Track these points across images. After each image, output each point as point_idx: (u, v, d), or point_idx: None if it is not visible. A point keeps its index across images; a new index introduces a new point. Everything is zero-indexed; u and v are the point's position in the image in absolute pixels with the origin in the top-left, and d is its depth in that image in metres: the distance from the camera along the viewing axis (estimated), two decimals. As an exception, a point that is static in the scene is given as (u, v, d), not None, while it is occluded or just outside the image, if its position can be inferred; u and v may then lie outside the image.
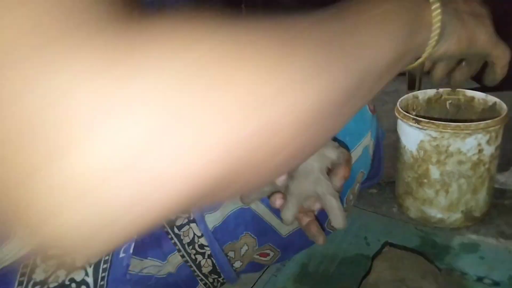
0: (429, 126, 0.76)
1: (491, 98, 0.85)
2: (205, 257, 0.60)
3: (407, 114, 0.80)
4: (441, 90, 0.91)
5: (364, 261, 0.74)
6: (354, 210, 0.88)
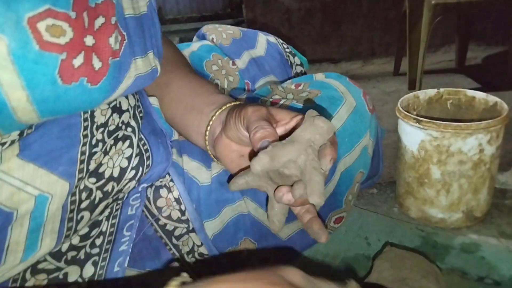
0: (430, 126, 0.77)
1: (492, 98, 0.85)
2: None
3: (408, 114, 0.80)
4: (442, 90, 0.91)
5: (365, 261, 0.75)
6: (355, 210, 0.88)
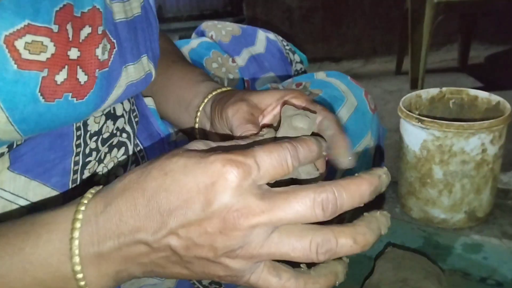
0: (432, 126, 0.76)
1: (494, 98, 0.85)
2: None
3: (410, 113, 0.80)
4: (444, 89, 0.90)
5: (367, 261, 0.74)
6: (356, 210, 0.88)
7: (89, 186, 0.46)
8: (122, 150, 0.50)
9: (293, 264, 0.33)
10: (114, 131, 0.48)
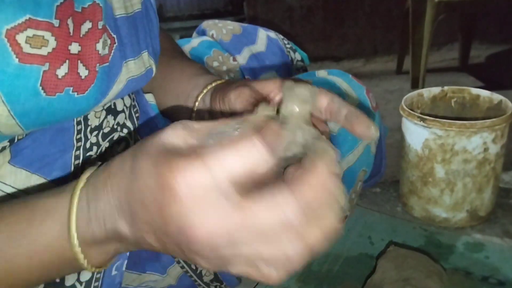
0: (434, 124, 0.76)
1: (496, 96, 0.84)
2: None
3: (412, 112, 0.79)
4: (446, 88, 0.90)
5: (369, 260, 0.74)
6: (358, 209, 0.87)
7: None
8: (123, 146, 0.50)
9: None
10: (115, 126, 0.48)
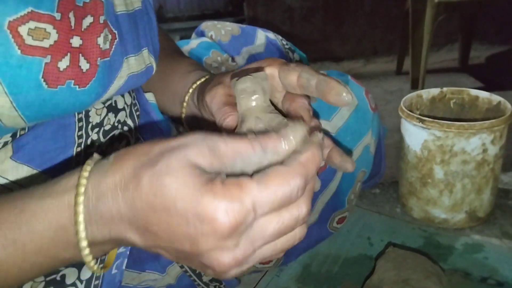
0: (433, 125, 0.76)
1: (495, 98, 0.84)
2: None
3: (411, 113, 0.79)
4: (445, 89, 0.90)
5: (368, 261, 0.74)
6: (357, 210, 0.88)
7: None
8: (124, 143, 0.50)
9: None
10: (116, 124, 0.49)
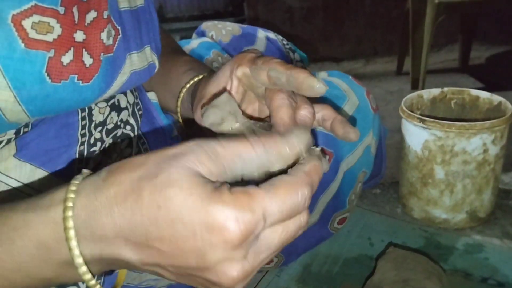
0: (434, 126, 0.76)
1: (496, 98, 0.84)
2: None
3: (412, 113, 0.79)
4: (446, 89, 0.90)
5: (368, 261, 0.74)
6: (358, 210, 0.87)
7: None
8: (126, 142, 0.50)
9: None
10: (118, 123, 0.49)
